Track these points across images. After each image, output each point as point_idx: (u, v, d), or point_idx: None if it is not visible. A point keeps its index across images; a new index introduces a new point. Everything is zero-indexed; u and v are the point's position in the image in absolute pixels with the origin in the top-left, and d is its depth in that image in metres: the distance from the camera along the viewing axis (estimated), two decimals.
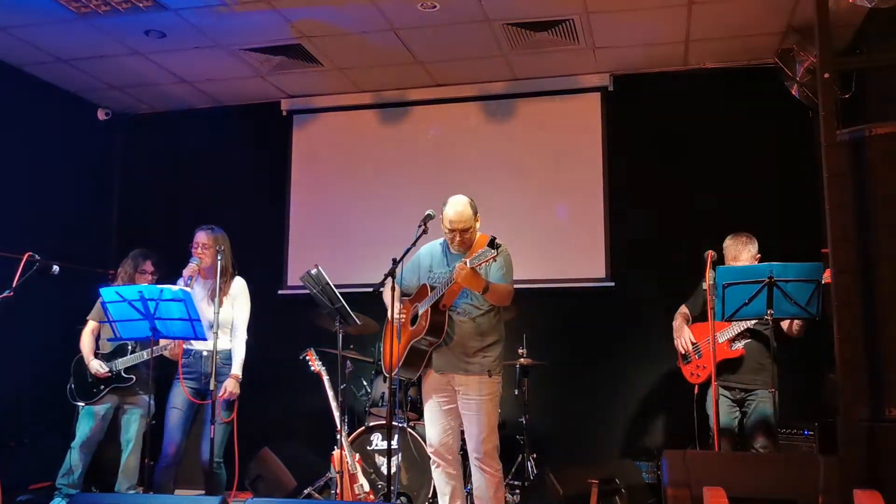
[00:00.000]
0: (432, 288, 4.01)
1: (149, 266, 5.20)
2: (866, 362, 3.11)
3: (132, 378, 4.94)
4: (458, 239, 4.02)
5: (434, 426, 4.08)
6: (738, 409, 4.65)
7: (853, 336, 3.09)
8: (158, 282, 4.93)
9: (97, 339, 5.07)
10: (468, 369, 3.97)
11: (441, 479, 4.07)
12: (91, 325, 5.07)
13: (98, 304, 5.07)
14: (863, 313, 3.15)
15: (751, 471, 3.25)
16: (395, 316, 4.00)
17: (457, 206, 4.01)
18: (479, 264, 3.71)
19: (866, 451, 2.99)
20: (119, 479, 4.93)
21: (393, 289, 3.98)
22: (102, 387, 4.92)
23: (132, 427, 5.00)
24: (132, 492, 4.92)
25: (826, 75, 3.29)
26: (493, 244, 3.65)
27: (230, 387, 4.64)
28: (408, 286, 4.22)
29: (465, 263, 3.72)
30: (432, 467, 4.11)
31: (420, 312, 4.00)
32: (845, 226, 3.18)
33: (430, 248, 4.23)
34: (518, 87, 6.42)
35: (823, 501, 3.01)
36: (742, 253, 4.65)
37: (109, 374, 4.89)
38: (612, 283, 6.06)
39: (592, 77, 6.27)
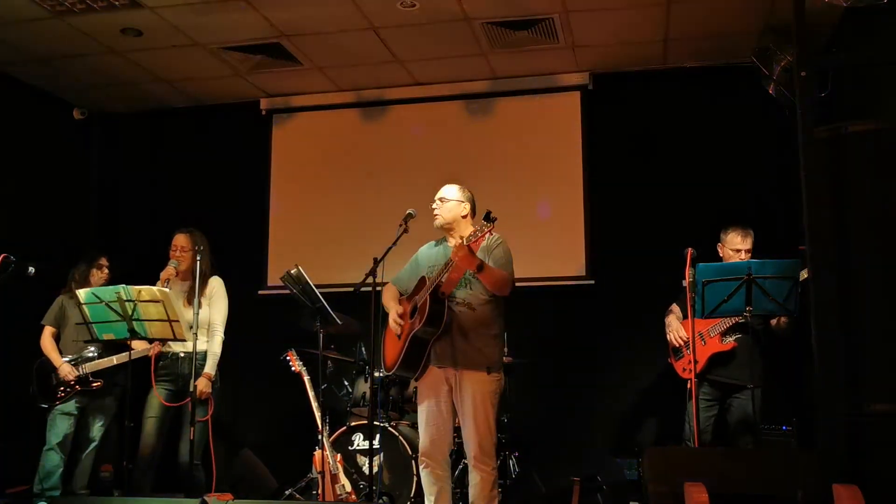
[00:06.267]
0: (430, 278, 3.95)
1: (104, 261, 5.17)
2: (844, 358, 3.13)
3: (100, 382, 4.89)
4: (436, 209, 4.04)
5: (427, 426, 3.98)
6: (717, 406, 4.68)
7: (831, 331, 3.12)
8: (116, 279, 4.89)
9: (57, 342, 5.02)
10: (467, 364, 3.87)
11: (428, 480, 3.99)
12: (49, 330, 5.03)
13: (53, 309, 5.07)
14: (841, 309, 3.18)
15: (731, 466, 3.27)
16: (378, 318, 3.99)
17: (446, 185, 4.12)
18: (477, 239, 3.66)
19: (845, 446, 3.02)
20: (76, 478, 4.90)
21: (374, 287, 3.96)
22: (67, 389, 4.86)
23: (95, 427, 4.96)
24: (83, 493, 4.88)
25: (803, 73, 3.31)
26: (488, 217, 3.61)
27: (201, 386, 4.63)
28: (408, 287, 4.15)
29: (463, 242, 3.69)
30: (420, 467, 4.04)
31: (419, 304, 3.93)
32: (822, 222, 3.21)
33: (427, 247, 4.21)
34: (498, 86, 6.42)
35: (803, 496, 3.03)
36: (745, 243, 4.69)
37: (78, 377, 4.84)
38: (592, 281, 6.08)
39: (572, 76, 6.29)
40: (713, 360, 4.61)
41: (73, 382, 4.86)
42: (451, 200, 4.05)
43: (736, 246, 4.71)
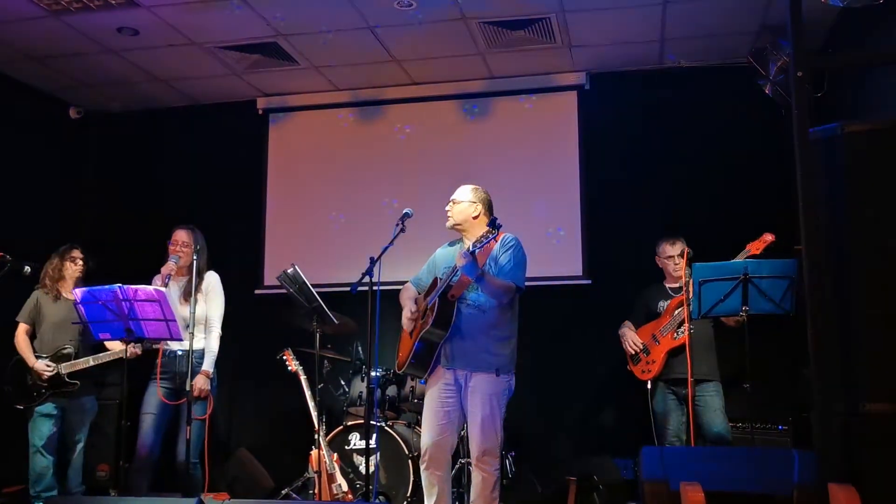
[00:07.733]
0: (441, 279, 3.96)
1: (77, 253, 5.03)
2: (840, 357, 3.14)
3: (76, 384, 4.79)
4: (448, 210, 4.04)
5: (430, 425, 3.95)
6: (684, 407, 4.65)
7: (827, 331, 3.12)
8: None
9: (31, 340, 4.91)
10: (476, 365, 3.87)
11: (428, 480, 3.95)
12: (23, 328, 4.91)
13: (28, 305, 4.96)
14: (836, 308, 3.18)
15: (727, 466, 3.28)
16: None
17: (461, 186, 4.11)
18: (482, 247, 3.67)
19: (841, 446, 3.02)
20: (69, 478, 4.86)
21: (371, 286, 3.96)
22: (44, 390, 4.76)
23: (78, 428, 4.89)
24: (79, 490, 4.86)
25: (799, 74, 3.31)
26: (493, 224, 3.63)
27: (199, 383, 4.61)
28: (425, 288, 4.14)
29: (469, 247, 3.71)
30: (421, 467, 4.00)
31: (429, 305, 3.93)
32: (818, 223, 3.21)
33: (444, 248, 4.22)
34: (495, 86, 6.43)
35: (798, 496, 3.03)
36: (675, 249, 4.82)
37: (55, 375, 4.74)
38: (590, 281, 6.08)
39: (569, 76, 6.29)
40: (669, 358, 4.64)
41: (48, 383, 4.75)
42: (462, 202, 4.04)
43: (668, 253, 4.86)
